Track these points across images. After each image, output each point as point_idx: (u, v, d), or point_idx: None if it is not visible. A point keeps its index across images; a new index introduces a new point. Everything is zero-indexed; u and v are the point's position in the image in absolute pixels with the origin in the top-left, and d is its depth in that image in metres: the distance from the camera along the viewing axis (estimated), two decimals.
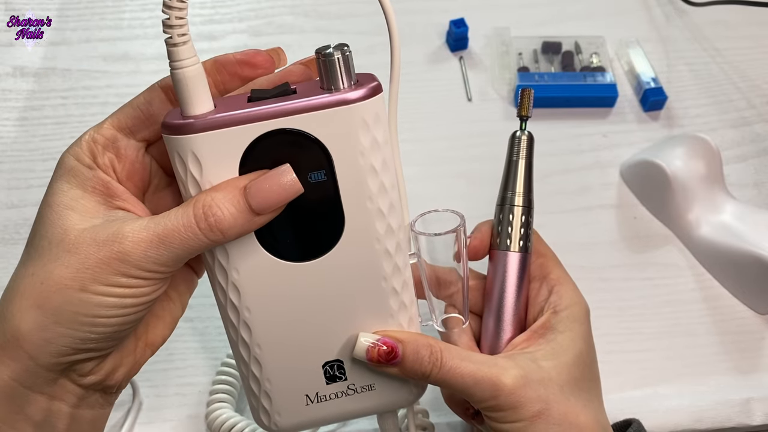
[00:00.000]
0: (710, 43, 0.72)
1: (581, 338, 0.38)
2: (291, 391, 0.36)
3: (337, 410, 0.37)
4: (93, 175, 0.32)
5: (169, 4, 0.29)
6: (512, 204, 0.41)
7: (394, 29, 0.33)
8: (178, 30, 0.30)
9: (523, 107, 0.41)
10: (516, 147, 0.41)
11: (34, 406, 0.31)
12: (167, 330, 0.36)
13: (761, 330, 0.53)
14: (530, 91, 0.41)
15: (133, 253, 0.29)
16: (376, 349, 0.35)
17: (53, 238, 0.30)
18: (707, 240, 0.55)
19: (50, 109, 0.64)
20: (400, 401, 0.38)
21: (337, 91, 0.31)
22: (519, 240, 0.40)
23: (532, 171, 0.41)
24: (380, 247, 0.34)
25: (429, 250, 0.39)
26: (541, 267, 0.41)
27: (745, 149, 0.64)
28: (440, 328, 0.40)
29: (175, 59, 0.30)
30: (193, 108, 0.30)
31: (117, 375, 0.34)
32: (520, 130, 0.41)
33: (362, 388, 0.37)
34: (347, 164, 0.32)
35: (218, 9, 0.73)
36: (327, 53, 0.30)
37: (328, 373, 0.36)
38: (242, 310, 0.34)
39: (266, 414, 0.37)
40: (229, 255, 0.32)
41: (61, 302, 0.30)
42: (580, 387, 0.37)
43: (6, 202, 0.58)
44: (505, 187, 0.41)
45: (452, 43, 0.69)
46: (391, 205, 0.33)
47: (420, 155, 0.62)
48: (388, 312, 0.35)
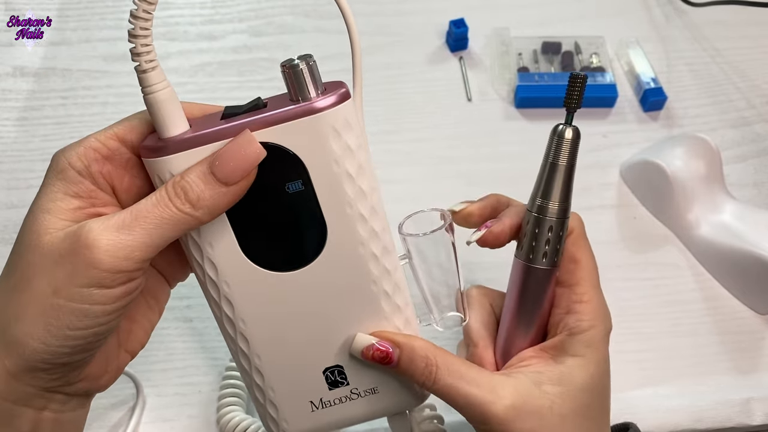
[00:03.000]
0: (710, 43, 0.72)
1: (595, 364, 0.36)
2: (295, 398, 0.36)
3: (343, 415, 0.37)
4: (80, 181, 0.31)
5: (134, 33, 0.29)
6: (543, 215, 0.36)
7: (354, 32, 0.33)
8: (145, 57, 0.30)
9: (572, 97, 0.34)
10: (557, 146, 0.35)
11: (22, 418, 0.31)
12: (146, 337, 0.36)
13: (761, 330, 0.53)
14: (584, 78, 0.34)
15: (103, 242, 0.28)
16: (371, 352, 0.35)
17: (29, 244, 0.30)
18: (707, 240, 0.55)
19: (50, 109, 0.64)
20: (406, 403, 0.38)
21: (305, 101, 0.31)
22: (544, 255, 0.37)
23: (573, 175, 0.36)
24: (365, 251, 0.34)
25: (419, 251, 0.38)
26: (570, 274, 0.38)
27: (745, 149, 0.64)
28: (441, 329, 0.40)
29: (145, 85, 0.30)
30: (168, 130, 0.31)
31: (102, 381, 0.34)
32: (564, 124, 0.35)
33: (366, 392, 0.37)
34: (322, 172, 0.32)
35: (218, 9, 0.73)
36: (293, 65, 0.31)
37: (329, 379, 0.36)
38: (237, 322, 0.34)
39: (274, 422, 0.37)
40: (218, 269, 0.33)
41: (36, 313, 0.29)
42: (584, 416, 0.35)
43: (6, 202, 0.58)
44: (537, 193, 0.36)
45: (452, 43, 0.69)
46: (372, 208, 0.33)
47: (420, 155, 0.62)
48: (382, 315, 0.35)
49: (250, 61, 0.68)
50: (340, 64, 0.31)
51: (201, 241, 0.32)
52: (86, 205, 0.31)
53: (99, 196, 0.31)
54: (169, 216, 0.29)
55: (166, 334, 0.51)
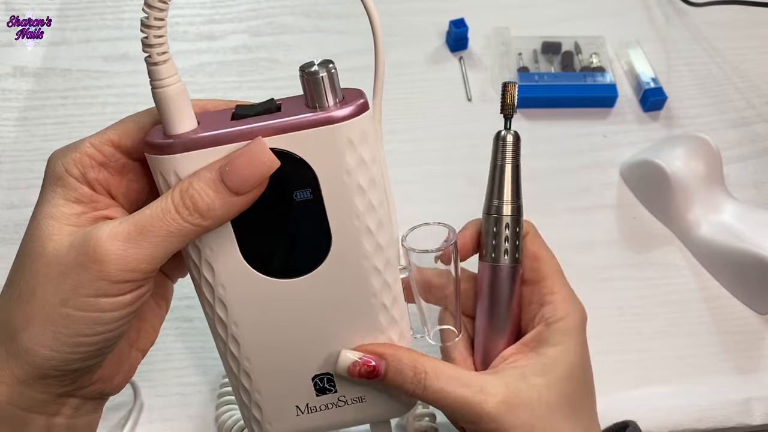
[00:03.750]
0: (710, 43, 0.72)
1: (573, 351, 0.37)
2: (281, 402, 0.36)
3: (328, 420, 0.37)
4: (79, 187, 0.31)
5: (148, 23, 0.28)
6: (499, 213, 0.38)
7: (380, 39, 0.33)
8: (157, 49, 0.29)
9: (507, 103, 0.37)
10: (501, 149, 0.38)
11: (34, 425, 0.31)
12: (155, 334, 0.36)
13: (761, 330, 0.53)
14: (514, 85, 0.37)
15: (111, 255, 0.28)
16: (357, 368, 0.34)
17: (33, 252, 0.29)
18: (707, 240, 0.55)
19: (50, 109, 0.64)
20: (392, 412, 0.38)
21: (322, 110, 0.30)
22: (506, 251, 0.38)
23: (519, 175, 0.38)
24: (369, 264, 0.33)
25: (419, 265, 0.38)
26: (535, 272, 0.39)
27: (744, 149, 0.64)
28: (433, 342, 0.40)
29: (155, 78, 0.29)
30: (175, 127, 0.30)
31: (114, 382, 0.34)
32: (504, 129, 0.38)
33: (353, 400, 0.36)
34: (333, 183, 0.31)
35: (218, 9, 0.73)
36: (312, 71, 0.29)
37: (317, 386, 0.36)
38: (230, 324, 0.33)
39: (257, 424, 0.37)
40: (215, 271, 0.32)
41: (43, 322, 0.29)
42: (570, 404, 0.36)
43: (6, 202, 0.58)
44: (491, 194, 0.38)
45: (452, 43, 0.69)
46: (379, 222, 0.33)
47: (420, 155, 0.62)
48: (378, 328, 0.35)
49: (250, 61, 0.68)
50: (341, 64, 0.31)
51: (201, 245, 0.31)
52: (88, 210, 0.31)
53: (99, 200, 0.31)
54: (176, 229, 0.29)
55: (166, 334, 0.51)
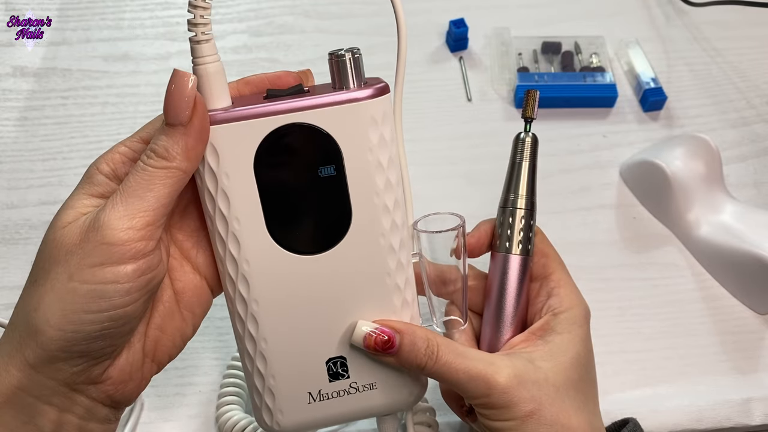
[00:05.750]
0: (710, 43, 0.72)
1: (580, 340, 0.39)
2: (294, 388, 0.37)
3: (338, 410, 0.37)
4: (106, 183, 0.32)
5: (195, 4, 0.31)
6: (514, 206, 0.41)
7: (403, 31, 0.35)
8: (202, 28, 0.31)
9: (527, 108, 0.41)
10: (520, 149, 0.41)
11: (44, 417, 0.31)
12: (175, 350, 0.36)
13: (761, 330, 0.53)
14: (535, 93, 0.41)
15: (107, 220, 0.30)
16: (373, 338, 0.35)
17: (48, 238, 0.31)
18: (707, 240, 0.55)
19: (50, 109, 0.64)
20: (401, 402, 0.38)
21: (348, 90, 0.33)
22: (519, 243, 0.41)
23: (535, 173, 0.41)
24: (385, 243, 0.35)
25: (430, 249, 0.39)
26: (543, 267, 0.41)
27: (744, 149, 0.64)
28: (440, 329, 0.41)
29: (197, 56, 0.32)
30: (212, 102, 0.32)
31: (126, 389, 0.34)
32: (524, 132, 0.41)
33: (364, 387, 0.37)
34: (356, 159, 0.33)
35: (218, 9, 0.72)
36: (339, 54, 0.33)
37: (331, 370, 0.37)
38: (250, 302, 0.35)
39: (269, 412, 0.37)
40: (241, 246, 0.34)
41: (53, 300, 0.30)
42: (576, 389, 0.37)
43: (6, 202, 0.58)
44: (507, 189, 0.41)
45: (452, 43, 0.69)
46: (396, 201, 0.35)
47: (420, 155, 0.62)
48: (391, 308, 0.36)
49: (250, 61, 0.68)
50: None
51: (229, 216, 0.33)
52: None
53: None
54: (149, 177, 0.30)
55: None
